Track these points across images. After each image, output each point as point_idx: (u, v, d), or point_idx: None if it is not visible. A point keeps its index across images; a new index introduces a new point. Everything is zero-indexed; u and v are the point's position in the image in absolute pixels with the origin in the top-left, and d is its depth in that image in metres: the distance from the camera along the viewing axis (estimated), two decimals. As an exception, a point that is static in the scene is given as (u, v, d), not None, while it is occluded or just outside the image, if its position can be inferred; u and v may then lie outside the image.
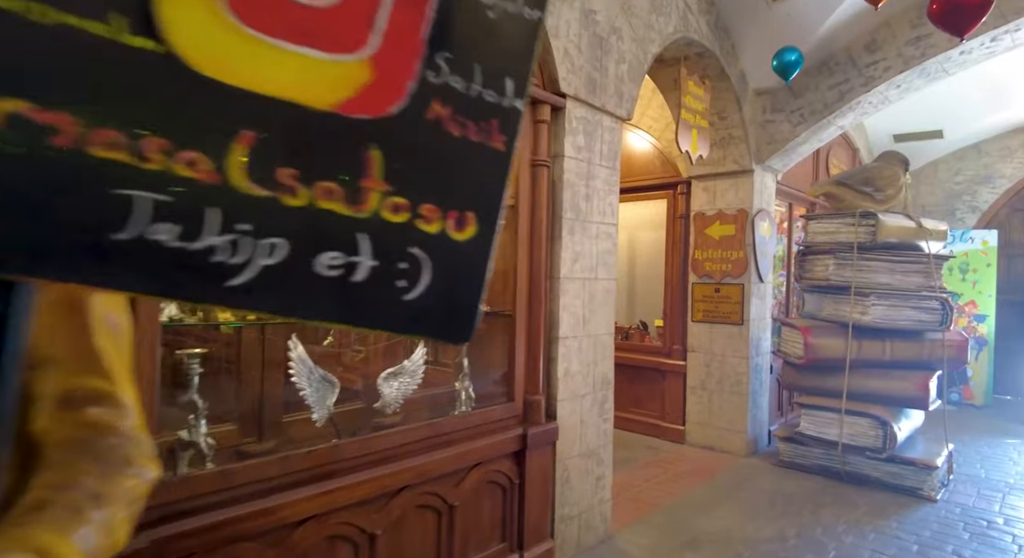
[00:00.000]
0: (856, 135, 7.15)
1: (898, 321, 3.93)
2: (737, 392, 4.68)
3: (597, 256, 3.00)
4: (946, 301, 3.89)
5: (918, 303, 3.94)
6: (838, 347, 4.07)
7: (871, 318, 3.92)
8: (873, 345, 4.04)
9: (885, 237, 3.95)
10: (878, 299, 3.93)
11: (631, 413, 5.43)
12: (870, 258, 4.06)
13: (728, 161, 4.65)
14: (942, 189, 7.93)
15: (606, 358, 3.10)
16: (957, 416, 6.22)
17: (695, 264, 4.92)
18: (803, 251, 4.49)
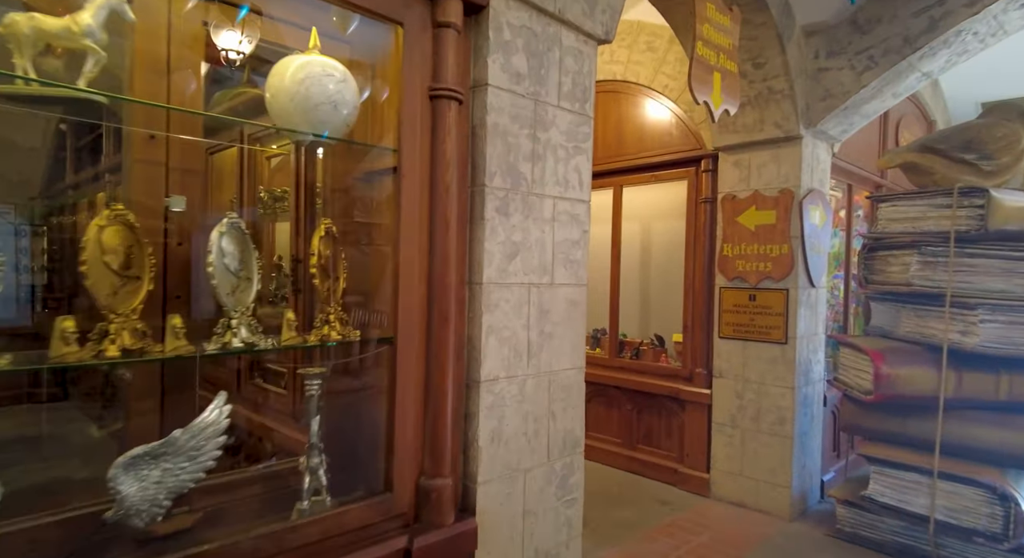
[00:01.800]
0: (933, 103, 5.81)
1: (1021, 345, 2.71)
2: (779, 433, 3.51)
3: (553, 249, 1.93)
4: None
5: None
6: (925, 379, 2.88)
7: (978, 341, 2.71)
8: (981, 379, 2.83)
9: (1001, 224, 2.74)
10: (990, 314, 2.71)
11: (640, 452, 4.31)
12: (976, 254, 2.85)
13: (767, 125, 3.49)
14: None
15: (571, 407, 2.03)
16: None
17: (723, 263, 3.78)
18: (871, 245, 3.29)
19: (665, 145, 4.17)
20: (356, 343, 1.69)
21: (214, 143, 1.90)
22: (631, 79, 4.32)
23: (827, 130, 3.53)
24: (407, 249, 1.60)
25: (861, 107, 3.41)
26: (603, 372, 4.49)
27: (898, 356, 2.96)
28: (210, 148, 1.86)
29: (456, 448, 1.71)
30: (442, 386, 1.63)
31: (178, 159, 1.57)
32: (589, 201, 2.07)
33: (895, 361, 2.94)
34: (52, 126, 1.63)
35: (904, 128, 5.01)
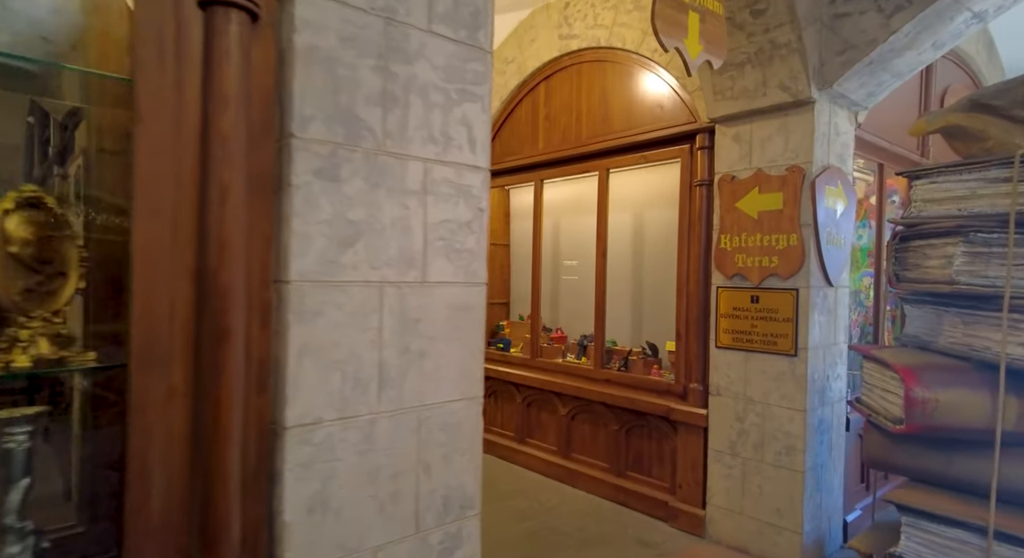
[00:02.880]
0: (988, 71, 5.00)
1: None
2: (786, 465, 2.86)
3: (426, 234, 1.37)
4: None
5: None
6: (975, 406, 2.20)
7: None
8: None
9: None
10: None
11: (629, 480, 3.70)
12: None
13: (771, 88, 2.84)
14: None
15: (458, 453, 1.46)
16: None
17: (720, 258, 3.14)
18: (904, 233, 2.62)
19: (655, 120, 3.55)
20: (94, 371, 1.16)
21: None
22: (617, 45, 3.71)
23: (847, 93, 2.86)
24: (150, 229, 1.06)
25: (891, 62, 2.74)
26: (588, 386, 3.89)
27: (938, 375, 2.28)
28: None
29: (254, 525, 1.17)
30: (219, 434, 1.08)
31: None
32: (487, 169, 1.50)
33: (933, 382, 2.26)
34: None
35: (952, 96, 4.25)
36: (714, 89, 3.01)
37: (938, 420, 2.24)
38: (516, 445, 4.42)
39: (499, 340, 4.73)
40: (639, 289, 4.08)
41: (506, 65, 4.48)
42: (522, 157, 4.38)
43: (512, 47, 4.43)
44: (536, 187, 4.34)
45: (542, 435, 4.29)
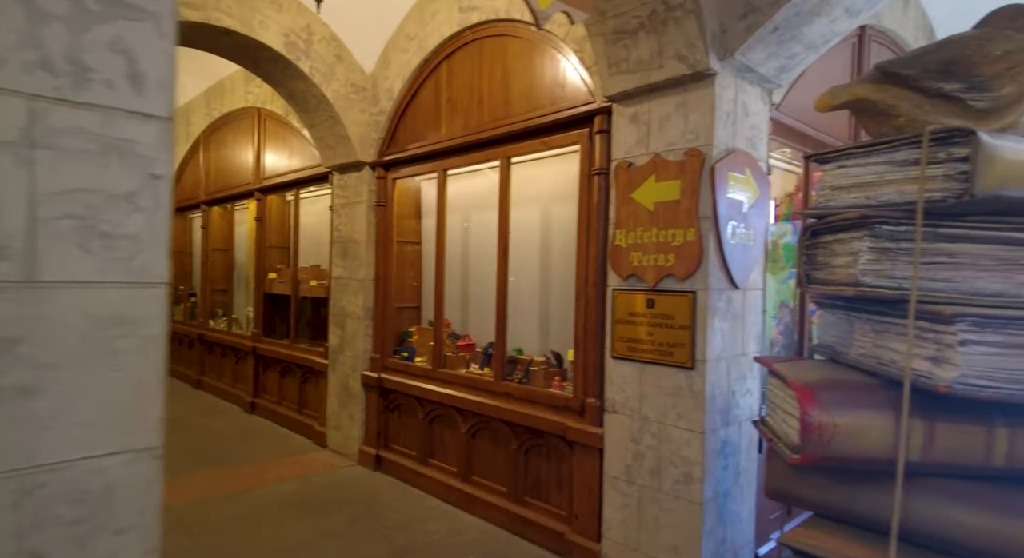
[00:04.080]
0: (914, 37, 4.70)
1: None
2: (683, 496, 2.47)
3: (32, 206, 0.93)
4: None
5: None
6: (880, 433, 1.82)
7: (958, 374, 1.65)
8: (965, 433, 1.76)
9: (996, 186, 1.67)
10: (975, 331, 1.65)
11: (527, 507, 3.28)
12: (958, 236, 1.79)
13: (667, 58, 2.45)
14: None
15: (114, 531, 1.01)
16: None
17: (616, 256, 2.74)
18: (815, 226, 2.24)
19: (555, 101, 3.14)
20: None
21: None
22: (516, 17, 3.30)
23: (755, 65, 2.48)
24: None
25: (800, 29, 2.37)
26: (487, 400, 3.47)
27: (840, 395, 1.90)
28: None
29: None
30: None
31: None
32: (166, 119, 1.06)
33: (833, 403, 1.88)
34: None
35: (885, 86, 3.94)
36: (608, 61, 2.61)
37: (836, 449, 1.86)
38: (418, 466, 3.97)
39: (404, 348, 4.28)
40: (546, 292, 3.68)
41: (408, 42, 4.04)
42: (425, 144, 3.95)
43: (414, 22, 4.00)
44: (439, 178, 3.91)
45: (444, 455, 3.85)
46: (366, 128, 4.37)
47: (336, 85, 4.19)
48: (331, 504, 3.68)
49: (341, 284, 4.65)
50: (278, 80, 4.25)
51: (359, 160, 4.34)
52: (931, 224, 1.82)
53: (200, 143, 7.18)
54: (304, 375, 5.31)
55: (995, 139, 1.73)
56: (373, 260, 4.40)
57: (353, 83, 4.30)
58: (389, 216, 4.31)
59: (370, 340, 4.43)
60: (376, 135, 4.33)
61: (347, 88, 4.26)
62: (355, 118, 4.31)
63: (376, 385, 4.28)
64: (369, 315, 4.42)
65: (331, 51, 4.14)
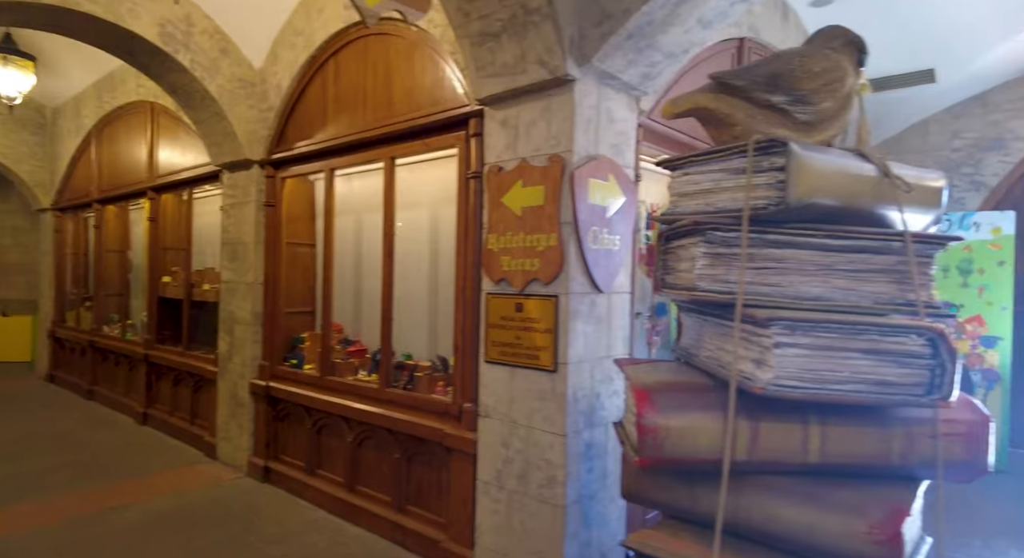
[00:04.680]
0: (808, 75, 4.96)
1: (833, 384, 1.73)
2: (548, 500, 2.48)
3: None
4: (942, 337, 1.70)
5: (878, 342, 1.74)
6: (707, 433, 1.86)
7: (772, 376, 1.71)
8: (784, 431, 1.83)
9: (807, 194, 1.75)
10: (787, 334, 1.71)
11: (408, 516, 3.23)
12: (782, 241, 1.86)
13: (530, 62, 2.45)
14: (934, 158, 5.79)
15: None
16: (958, 492, 4.04)
17: (488, 260, 2.72)
18: (668, 231, 2.29)
19: (435, 102, 3.10)
20: None
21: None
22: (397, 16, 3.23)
23: (617, 72, 2.52)
24: None
25: (656, 38, 2.42)
26: (372, 407, 3.39)
27: (676, 397, 1.93)
28: None
29: None
30: None
31: None
32: None
33: (668, 406, 1.91)
34: None
35: (765, 97, 4.11)
36: (476, 64, 2.59)
37: (669, 451, 1.89)
38: (305, 477, 3.83)
39: (294, 355, 4.13)
40: (436, 296, 3.63)
41: (296, 37, 3.90)
42: (313, 142, 3.81)
43: (301, 18, 3.86)
44: (327, 178, 3.79)
45: (331, 465, 3.73)
46: (255, 125, 4.19)
47: (221, 80, 4.00)
48: (209, 519, 3.49)
49: (230, 288, 4.44)
50: (158, 73, 4.01)
51: (247, 158, 4.16)
52: (758, 231, 1.87)
53: (92, 137, 6.71)
54: (197, 384, 5.04)
55: (806, 150, 1.81)
56: (262, 263, 4.22)
57: (240, 78, 4.11)
58: (278, 217, 4.15)
59: (259, 346, 4.24)
60: (265, 132, 4.16)
61: (233, 83, 4.07)
62: (242, 114, 4.12)
63: (264, 394, 4.10)
64: (258, 320, 4.23)
65: (214, 44, 3.95)
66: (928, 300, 1.88)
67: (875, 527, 1.68)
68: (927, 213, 2.04)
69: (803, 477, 1.89)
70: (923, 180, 2.01)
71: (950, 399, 1.68)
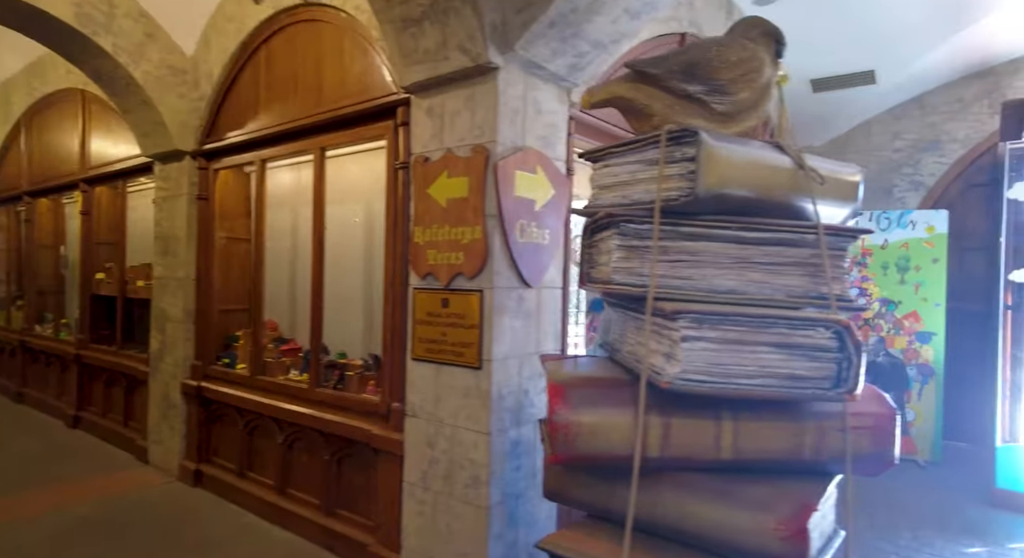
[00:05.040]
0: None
1: (741, 378, 1.71)
2: (473, 500, 2.41)
3: None
4: (848, 330, 1.68)
5: (788, 336, 1.72)
6: (619, 429, 1.82)
7: (679, 370, 1.68)
8: (696, 427, 1.79)
9: (717, 185, 1.71)
10: (695, 328, 1.68)
11: (338, 519, 3.12)
12: (697, 234, 1.82)
13: (451, 49, 2.38)
14: (877, 159, 5.92)
15: None
16: (891, 485, 4.13)
17: (415, 254, 2.64)
18: (591, 225, 2.24)
19: (364, 90, 3.00)
20: None
21: None
22: (325, 1, 3.13)
23: (543, 62, 2.46)
24: None
25: (582, 27, 2.37)
26: (301, 408, 3.27)
27: (589, 393, 1.89)
28: None
29: None
30: None
31: None
32: None
33: (581, 402, 1.86)
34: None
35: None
36: (400, 51, 2.51)
37: (582, 448, 1.84)
38: (237, 481, 3.68)
39: (227, 354, 3.97)
40: (371, 292, 3.53)
41: (227, 23, 3.75)
42: (244, 133, 3.66)
43: (233, 3, 3.71)
44: (259, 169, 3.65)
45: (262, 468, 3.59)
46: (186, 115, 4.01)
47: (148, 66, 3.81)
48: (129, 528, 3.32)
49: (162, 284, 4.25)
50: (80, 58, 3.80)
51: (177, 149, 3.98)
52: (672, 223, 1.83)
53: (21, 126, 6.37)
54: (130, 384, 4.81)
55: (717, 140, 1.77)
56: (194, 258, 4.04)
57: (170, 65, 3.93)
58: (211, 210, 3.98)
59: (192, 345, 4.07)
60: (197, 122, 3.98)
61: (162, 70, 3.89)
62: (173, 103, 3.94)
63: (196, 394, 3.93)
64: (190, 318, 4.06)
65: (140, 28, 3.76)
66: (840, 293, 1.87)
67: (782, 523, 1.65)
68: (843, 206, 2.03)
69: (717, 474, 1.86)
70: (839, 174, 2.00)
71: (855, 392, 1.66)
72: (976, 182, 5.32)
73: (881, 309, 4.89)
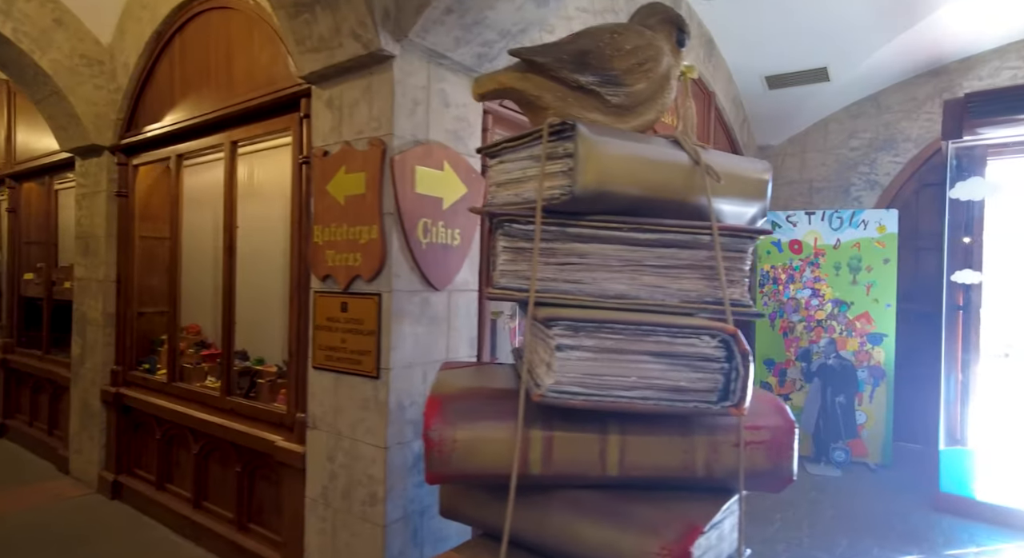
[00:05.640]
0: (712, 74, 4.95)
1: (619, 390, 1.57)
2: (370, 517, 2.26)
3: None
4: (735, 338, 1.55)
5: (670, 345, 1.58)
6: (499, 445, 1.68)
7: (553, 381, 1.55)
8: (580, 442, 1.65)
9: (596, 184, 1.57)
10: (572, 334, 1.54)
11: (249, 535, 2.95)
12: (586, 234, 1.68)
13: (345, 35, 2.22)
14: (835, 158, 5.86)
15: None
16: (841, 489, 4.05)
17: (314, 254, 2.48)
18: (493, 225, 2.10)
19: (272, 81, 2.83)
20: None
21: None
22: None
23: (446, 51, 2.32)
24: None
25: (483, 13, 2.22)
26: (213, 417, 3.09)
27: (469, 406, 1.74)
28: None
29: None
30: None
31: None
32: None
33: (460, 416, 1.71)
34: None
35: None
36: (295, 37, 2.34)
37: (458, 466, 1.69)
38: (155, 493, 3.49)
39: (148, 360, 3.77)
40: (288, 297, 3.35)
41: (142, 11, 3.55)
42: (161, 126, 3.47)
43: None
44: (175, 164, 3.46)
45: (180, 479, 3.41)
46: (104, 107, 3.80)
47: (57, 55, 3.59)
48: (28, 546, 3.12)
49: (83, 286, 4.03)
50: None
51: (94, 143, 3.77)
52: (558, 223, 1.68)
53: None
54: (56, 391, 4.59)
55: (598, 135, 1.63)
56: (114, 258, 3.84)
57: (83, 54, 3.71)
58: (131, 207, 3.78)
59: (112, 350, 3.86)
60: (115, 115, 3.77)
61: (74, 60, 3.67)
62: (88, 95, 3.73)
63: (115, 402, 3.73)
64: (110, 321, 3.85)
65: (46, 13, 3.54)
66: (737, 298, 1.73)
67: (665, 547, 1.52)
68: (748, 206, 1.89)
69: (611, 492, 1.73)
70: (745, 171, 1.87)
71: (743, 406, 1.53)
72: (929, 182, 5.27)
73: (833, 310, 4.82)
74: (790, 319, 4.95)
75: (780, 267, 5.02)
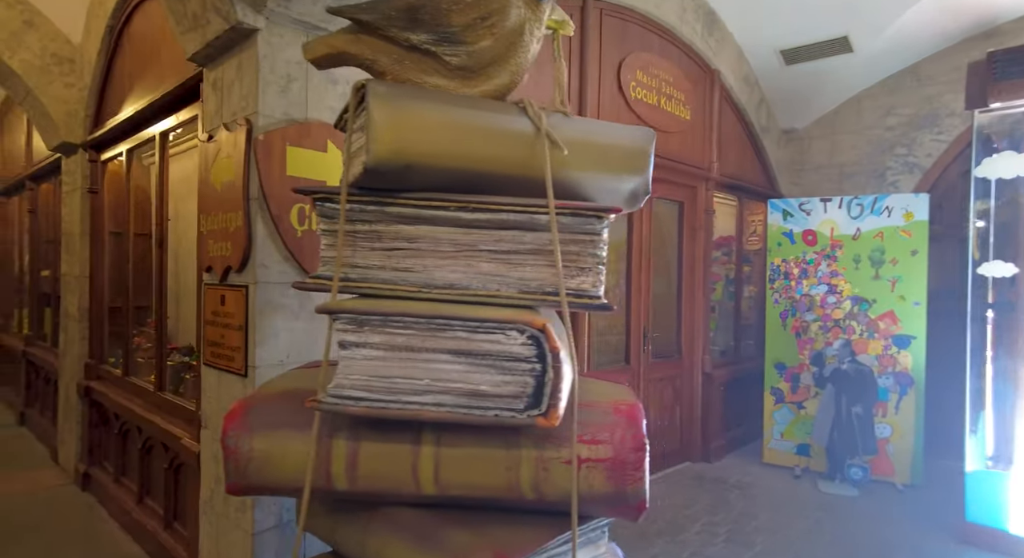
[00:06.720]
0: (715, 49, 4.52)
1: (408, 395, 1.32)
2: (240, 525, 2.11)
3: None
4: (544, 333, 1.27)
5: (469, 341, 1.32)
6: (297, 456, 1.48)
7: (334, 384, 1.32)
8: (390, 455, 1.41)
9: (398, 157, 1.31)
10: (356, 329, 1.31)
11: (171, 535, 2.88)
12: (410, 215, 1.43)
13: (209, 11, 2.07)
14: (868, 139, 5.24)
15: None
16: (861, 513, 3.55)
17: (200, 244, 2.36)
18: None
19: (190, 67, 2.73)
20: None
21: None
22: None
23: (320, 23, 2.12)
24: None
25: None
26: (147, 412, 3.06)
27: (273, 412, 1.52)
28: None
29: None
30: None
31: None
32: None
33: (261, 422, 1.51)
34: None
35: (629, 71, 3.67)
36: (173, 16, 2.23)
37: (255, 477, 1.49)
38: (113, 486, 3.52)
39: (115, 353, 3.82)
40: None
41: (99, 7, 3.58)
42: (114, 122, 3.48)
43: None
44: (126, 159, 3.47)
45: (131, 474, 3.41)
46: (75, 105, 3.88)
47: (27, 55, 3.70)
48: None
49: (65, 282, 4.16)
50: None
51: (66, 141, 3.86)
52: (377, 201, 1.46)
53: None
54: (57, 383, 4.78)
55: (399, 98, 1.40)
56: (87, 254, 3.92)
57: (54, 54, 3.81)
58: (101, 203, 3.84)
59: (86, 344, 3.95)
60: (84, 112, 3.85)
61: (45, 59, 3.77)
62: (59, 93, 3.82)
63: (86, 395, 3.81)
64: (85, 316, 3.94)
65: (16, 15, 3.64)
66: (578, 287, 1.44)
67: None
68: (621, 181, 1.60)
69: (434, 511, 1.49)
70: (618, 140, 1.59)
71: (553, 416, 1.26)
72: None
73: (853, 309, 4.27)
74: (803, 318, 4.43)
75: (792, 260, 4.51)
